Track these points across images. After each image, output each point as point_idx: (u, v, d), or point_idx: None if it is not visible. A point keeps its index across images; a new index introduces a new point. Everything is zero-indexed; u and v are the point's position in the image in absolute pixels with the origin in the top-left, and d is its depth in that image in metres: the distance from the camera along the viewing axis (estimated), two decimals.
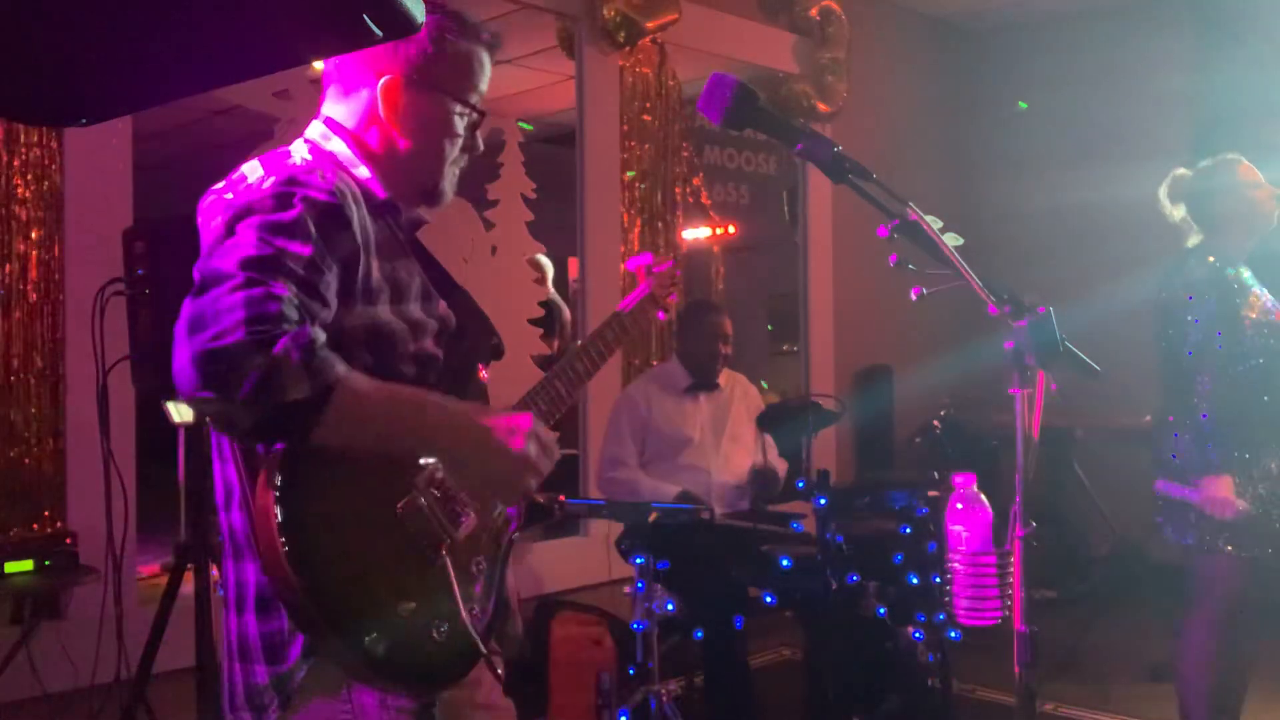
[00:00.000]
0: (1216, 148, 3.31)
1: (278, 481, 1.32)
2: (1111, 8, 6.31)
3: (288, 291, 1.32)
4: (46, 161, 3.45)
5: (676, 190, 5.30)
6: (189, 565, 2.71)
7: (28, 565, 2.99)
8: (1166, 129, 5.89)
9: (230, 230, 1.38)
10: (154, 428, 3.75)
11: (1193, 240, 3.19)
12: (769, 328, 7.20)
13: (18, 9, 0.78)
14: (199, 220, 1.49)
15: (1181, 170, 3.25)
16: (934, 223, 1.57)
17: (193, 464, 2.87)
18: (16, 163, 3.40)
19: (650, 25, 4.94)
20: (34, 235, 3.43)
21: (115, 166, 3.59)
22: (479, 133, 1.69)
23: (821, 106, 5.77)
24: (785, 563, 3.36)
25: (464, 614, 1.45)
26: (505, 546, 1.62)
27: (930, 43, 6.80)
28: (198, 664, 2.60)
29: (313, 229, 1.39)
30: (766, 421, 3.98)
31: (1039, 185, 6.30)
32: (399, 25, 0.91)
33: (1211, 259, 3.08)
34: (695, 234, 5.72)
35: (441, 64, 1.60)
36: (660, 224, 5.23)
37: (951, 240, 1.58)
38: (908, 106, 6.55)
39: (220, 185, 1.50)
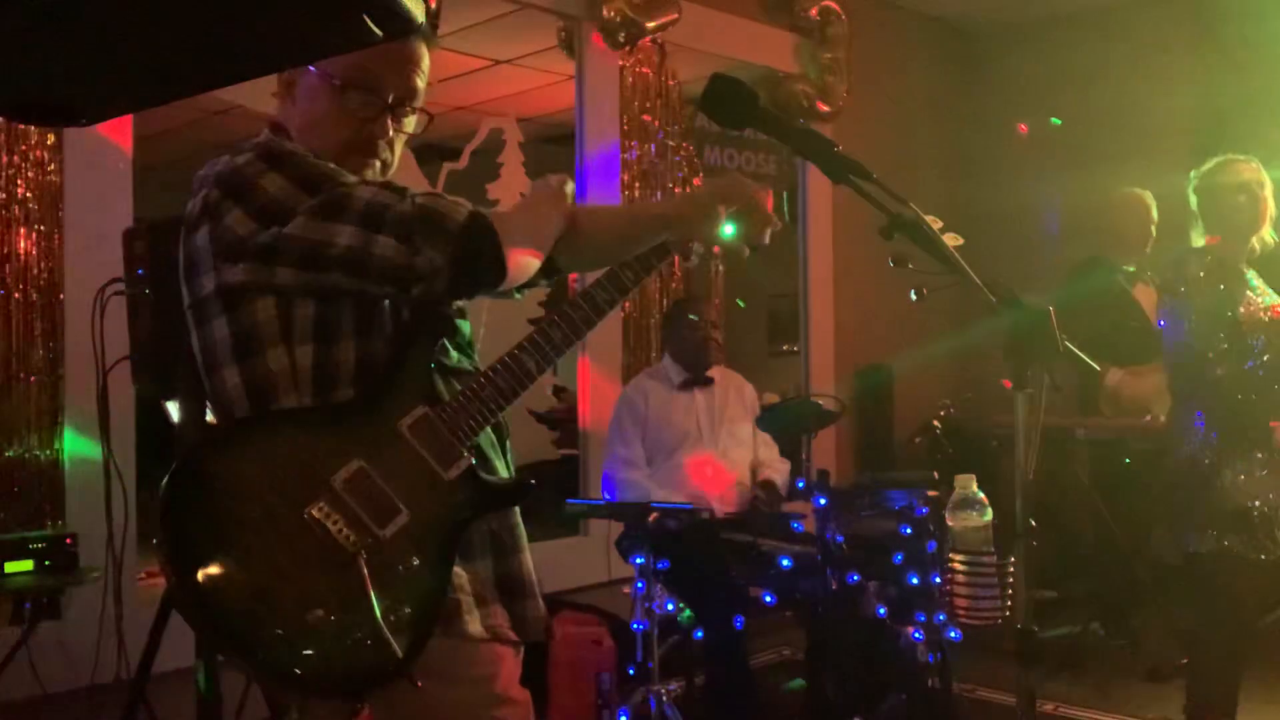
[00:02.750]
0: (1216, 148, 3.31)
1: (167, 491, 1.38)
2: (1111, 8, 6.30)
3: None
4: (46, 161, 3.45)
5: (676, 190, 5.30)
6: None
7: (28, 565, 2.99)
8: (1166, 129, 5.88)
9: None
10: (154, 428, 3.75)
11: (1195, 237, 3.19)
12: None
13: (17, 9, 0.78)
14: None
15: (1211, 163, 3.24)
16: (934, 222, 1.57)
17: None
18: (17, 163, 3.39)
19: (650, 25, 4.94)
20: (34, 235, 3.43)
21: (115, 166, 3.59)
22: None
23: (821, 106, 5.77)
24: (785, 563, 3.36)
25: (379, 618, 1.41)
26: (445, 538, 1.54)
27: (930, 43, 6.80)
28: (197, 664, 2.59)
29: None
30: (766, 421, 3.98)
31: (1039, 185, 6.29)
32: (399, 25, 0.91)
33: (1209, 258, 3.08)
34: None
35: None
36: None
37: (951, 240, 1.58)
38: (908, 106, 6.55)
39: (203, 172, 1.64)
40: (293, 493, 1.41)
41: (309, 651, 1.37)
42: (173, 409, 2.98)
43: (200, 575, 1.32)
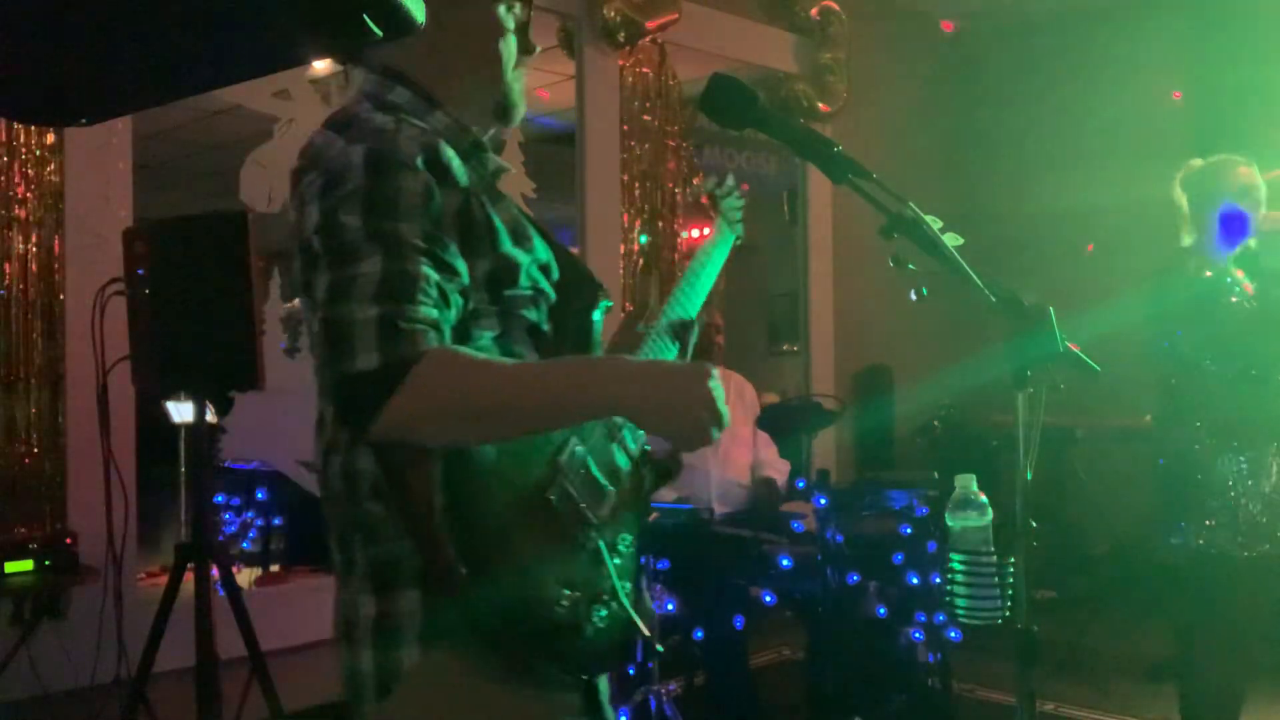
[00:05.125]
0: (1216, 148, 3.31)
1: (438, 477, 1.30)
2: (1111, 8, 6.30)
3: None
4: (46, 161, 3.45)
5: (676, 190, 5.30)
6: (189, 565, 2.70)
7: (28, 565, 2.99)
8: (1166, 129, 5.88)
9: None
10: (154, 428, 3.76)
11: (1185, 238, 3.19)
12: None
13: (18, 10, 0.78)
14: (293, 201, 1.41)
15: (1196, 161, 3.24)
16: (934, 223, 1.57)
17: (193, 464, 2.87)
18: (16, 163, 3.40)
19: (650, 25, 4.94)
20: (34, 235, 3.43)
21: (115, 166, 3.59)
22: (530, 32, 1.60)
23: (821, 106, 5.77)
24: (785, 563, 3.36)
25: (624, 597, 1.44)
26: (643, 516, 1.58)
27: (930, 43, 6.80)
28: (198, 664, 2.60)
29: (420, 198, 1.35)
30: (766, 422, 3.98)
31: (1039, 185, 6.30)
32: (399, 25, 0.91)
33: (1198, 258, 3.09)
34: (695, 234, 5.71)
35: None
36: (660, 224, 5.23)
37: (951, 240, 1.58)
38: (908, 106, 6.55)
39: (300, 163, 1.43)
40: (533, 472, 1.39)
41: (569, 631, 1.36)
42: (173, 409, 2.99)
43: (473, 553, 1.29)
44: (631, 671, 3.31)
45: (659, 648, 1.51)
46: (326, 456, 1.45)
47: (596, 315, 1.59)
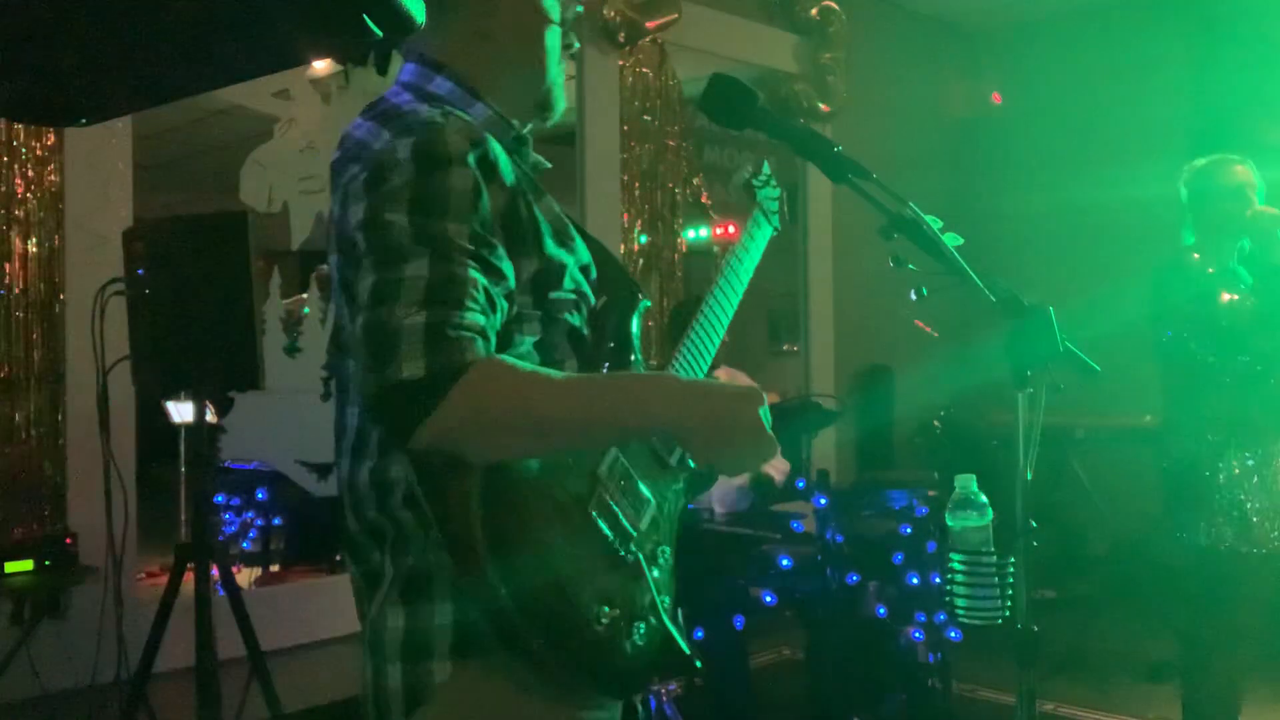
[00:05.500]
0: (1216, 148, 3.32)
1: (477, 488, 1.24)
2: (1111, 8, 6.30)
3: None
4: (46, 161, 3.45)
5: (676, 190, 5.30)
6: (189, 565, 2.70)
7: (28, 565, 2.99)
8: (1166, 129, 5.89)
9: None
10: (154, 428, 3.76)
11: (1186, 235, 3.20)
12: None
13: (18, 10, 0.78)
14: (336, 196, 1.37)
15: (1199, 161, 3.24)
16: (934, 223, 1.57)
17: (193, 464, 2.87)
18: (16, 163, 3.40)
19: (650, 25, 4.94)
20: (34, 235, 3.43)
21: (115, 166, 3.59)
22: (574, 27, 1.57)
23: (822, 106, 5.77)
24: (785, 563, 3.36)
25: (663, 612, 1.38)
26: (679, 527, 1.52)
27: (930, 43, 6.80)
28: (198, 664, 2.60)
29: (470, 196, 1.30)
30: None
31: (1039, 185, 6.30)
32: (399, 25, 0.91)
33: (1197, 256, 3.09)
34: (695, 234, 5.72)
35: None
36: (660, 224, 5.23)
37: (951, 240, 1.58)
38: (908, 106, 6.55)
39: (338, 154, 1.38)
40: (572, 485, 1.33)
41: (608, 650, 1.31)
42: (173, 409, 2.99)
43: (511, 568, 1.24)
44: None
45: (698, 664, 1.43)
46: (353, 461, 1.40)
47: (635, 318, 1.54)
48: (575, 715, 1.35)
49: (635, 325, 1.54)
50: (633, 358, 1.52)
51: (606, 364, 1.46)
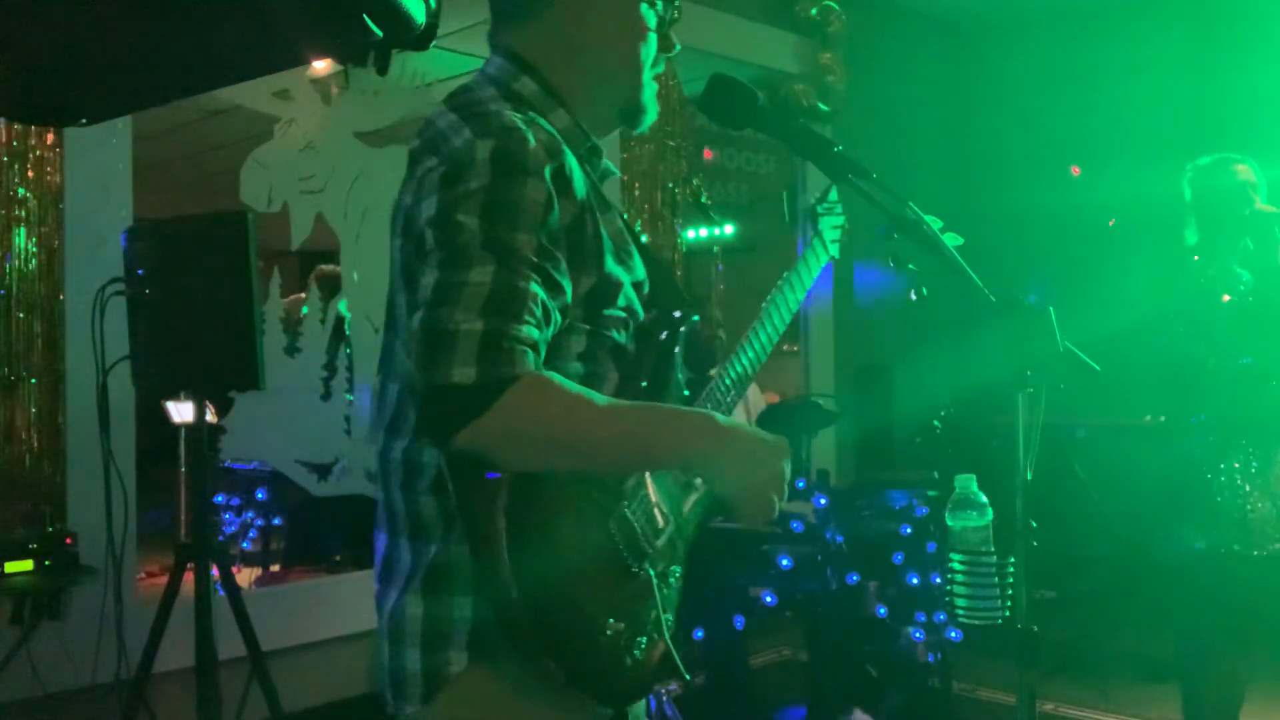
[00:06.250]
0: (1216, 148, 3.31)
1: (506, 485, 1.27)
2: (1111, 7, 6.30)
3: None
4: (46, 161, 3.45)
5: (676, 190, 5.30)
6: (189, 565, 2.71)
7: (28, 565, 2.99)
8: (1166, 129, 5.88)
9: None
10: (154, 428, 3.76)
11: (1189, 234, 3.20)
12: None
13: (19, 11, 0.78)
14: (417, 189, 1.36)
15: (1202, 160, 3.24)
16: (934, 222, 1.57)
17: (193, 464, 2.87)
18: (16, 163, 3.40)
19: None
20: (34, 235, 3.43)
21: (115, 166, 3.59)
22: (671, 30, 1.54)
23: (822, 106, 5.77)
24: (785, 563, 3.36)
25: (665, 630, 1.41)
26: (694, 549, 1.55)
27: (930, 43, 6.80)
28: (198, 664, 2.60)
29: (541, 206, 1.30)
30: (767, 422, 3.98)
31: (1039, 185, 6.29)
32: (399, 25, 0.91)
33: (1197, 258, 3.09)
34: (695, 234, 5.72)
35: None
36: (660, 224, 5.23)
37: (951, 240, 1.58)
38: (908, 106, 6.55)
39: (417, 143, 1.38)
40: (596, 496, 1.36)
41: (609, 661, 1.34)
42: (173, 409, 2.99)
43: (526, 568, 1.26)
44: None
45: (688, 677, 1.47)
46: (388, 436, 1.42)
47: (681, 336, 1.54)
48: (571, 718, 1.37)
49: (681, 344, 1.54)
50: (676, 376, 1.53)
51: (646, 381, 1.47)
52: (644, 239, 1.58)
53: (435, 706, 1.35)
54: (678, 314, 1.53)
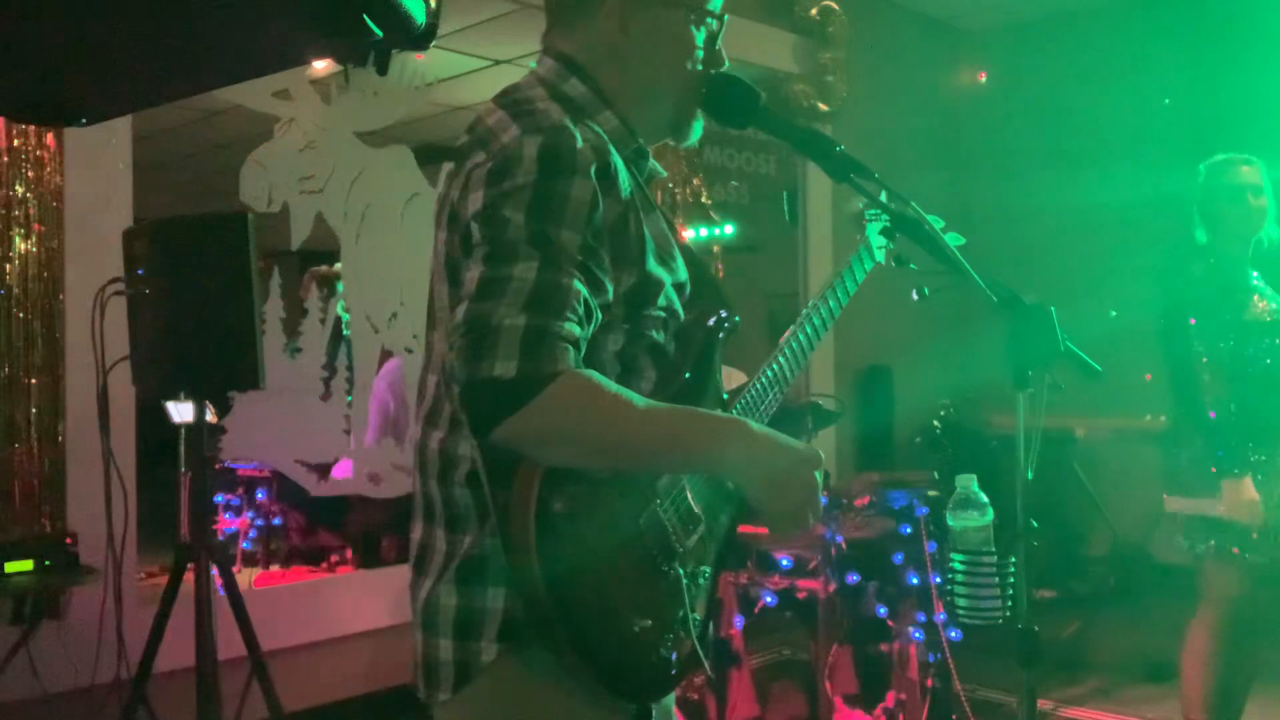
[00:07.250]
0: (1216, 148, 3.32)
1: (541, 478, 1.28)
2: (1110, 7, 6.30)
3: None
4: (46, 161, 3.44)
5: (676, 190, 5.30)
6: (189, 565, 2.70)
7: (28, 565, 2.98)
8: (1166, 129, 5.89)
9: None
10: (154, 428, 3.75)
11: (1198, 235, 3.20)
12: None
13: (19, 11, 0.78)
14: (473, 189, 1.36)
15: (1212, 159, 3.24)
16: (936, 222, 1.58)
17: (193, 464, 2.87)
18: (16, 163, 3.39)
19: None
20: (34, 235, 3.43)
21: (115, 166, 3.59)
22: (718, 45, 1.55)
23: (821, 106, 5.77)
24: (785, 563, 3.36)
25: (692, 628, 1.42)
26: (725, 549, 1.55)
27: (930, 43, 6.80)
28: (198, 664, 2.60)
29: (587, 207, 1.32)
30: (766, 422, 3.98)
31: (1039, 185, 6.29)
32: (399, 25, 0.91)
33: (1212, 259, 3.09)
34: (695, 234, 5.71)
35: None
36: None
37: (952, 240, 1.58)
38: (908, 106, 6.54)
39: (466, 139, 1.39)
40: (630, 493, 1.37)
41: (633, 658, 1.35)
42: (173, 409, 2.99)
43: (556, 561, 1.27)
44: None
45: (711, 675, 1.51)
46: (425, 426, 1.44)
47: (721, 339, 1.56)
48: (596, 715, 1.37)
49: (721, 346, 1.55)
50: (715, 378, 1.54)
51: (684, 381, 1.48)
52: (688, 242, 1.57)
53: (466, 695, 1.36)
54: (718, 316, 1.54)
